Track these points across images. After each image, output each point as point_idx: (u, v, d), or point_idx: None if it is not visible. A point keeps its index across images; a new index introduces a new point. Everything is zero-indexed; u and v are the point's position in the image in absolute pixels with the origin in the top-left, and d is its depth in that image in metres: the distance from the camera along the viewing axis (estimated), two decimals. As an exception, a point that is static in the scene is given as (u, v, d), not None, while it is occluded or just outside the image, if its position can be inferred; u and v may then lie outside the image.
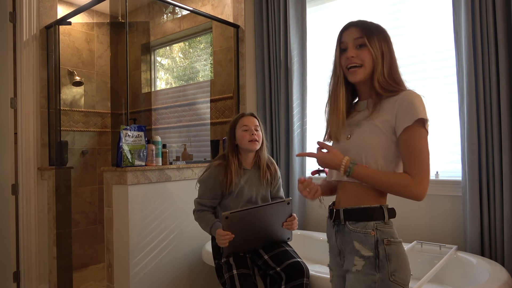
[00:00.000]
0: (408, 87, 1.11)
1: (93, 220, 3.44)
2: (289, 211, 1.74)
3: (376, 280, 1.02)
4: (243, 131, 1.83)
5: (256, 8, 2.80)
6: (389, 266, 1.02)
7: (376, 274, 1.02)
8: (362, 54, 1.09)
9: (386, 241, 1.04)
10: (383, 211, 1.07)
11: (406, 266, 1.05)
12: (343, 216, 1.10)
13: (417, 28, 2.20)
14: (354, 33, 1.11)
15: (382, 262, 1.02)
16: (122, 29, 3.48)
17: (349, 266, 1.08)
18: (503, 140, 1.77)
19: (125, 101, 2.37)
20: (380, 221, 1.06)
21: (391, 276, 1.01)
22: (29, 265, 2.57)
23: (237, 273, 1.66)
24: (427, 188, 1.01)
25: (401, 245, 1.06)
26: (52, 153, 2.72)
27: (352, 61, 1.10)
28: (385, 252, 1.03)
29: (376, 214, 1.06)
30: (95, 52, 3.58)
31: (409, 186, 1.00)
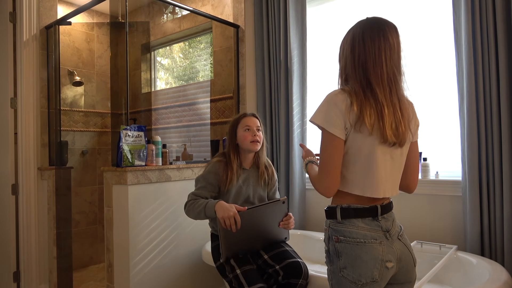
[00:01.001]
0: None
1: (93, 220, 3.44)
2: (285, 211, 1.74)
3: (330, 271, 1.12)
4: (244, 131, 1.83)
5: (256, 8, 2.80)
6: (338, 262, 1.08)
7: (329, 266, 1.12)
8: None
9: (336, 238, 1.09)
10: (335, 211, 1.11)
11: (359, 266, 1.04)
12: (325, 213, 1.18)
13: (417, 28, 2.20)
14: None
15: (332, 257, 1.10)
16: (122, 29, 3.47)
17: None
18: (503, 140, 1.77)
19: (125, 101, 2.37)
20: (333, 220, 1.12)
21: (340, 271, 1.07)
22: (29, 265, 2.57)
23: (241, 272, 1.66)
24: (326, 185, 1.08)
25: (359, 245, 1.05)
26: (52, 153, 2.72)
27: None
28: (335, 248, 1.09)
29: (331, 213, 1.13)
30: (95, 52, 3.58)
31: (315, 183, 1.13)
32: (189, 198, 1.82)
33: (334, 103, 1.05)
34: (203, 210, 1.69)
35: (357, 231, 1.06)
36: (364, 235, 1.06)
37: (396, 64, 1.09)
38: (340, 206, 1.10)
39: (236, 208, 1.61)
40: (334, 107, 1.04)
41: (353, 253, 1.05)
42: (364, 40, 1.08)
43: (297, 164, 2.55)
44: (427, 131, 2.10)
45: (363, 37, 1.08)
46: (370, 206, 1.08)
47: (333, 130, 1.04)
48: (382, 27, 1.09)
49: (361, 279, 1.04)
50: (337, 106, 1.04)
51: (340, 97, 1.05)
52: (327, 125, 1.05)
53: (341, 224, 1.09)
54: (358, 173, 1.09)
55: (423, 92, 2.16)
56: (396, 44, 1.10)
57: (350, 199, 1.11)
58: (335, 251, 1.09)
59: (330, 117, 1.04)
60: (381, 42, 1.07)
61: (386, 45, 1.07)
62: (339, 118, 1.04)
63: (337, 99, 1.05)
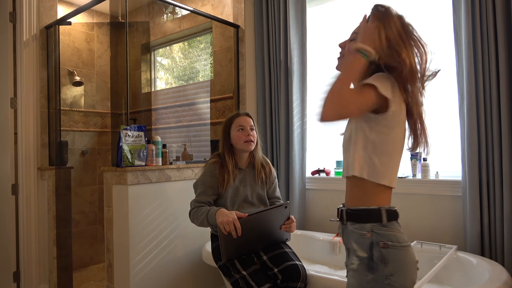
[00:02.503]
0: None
1: (93, 220, 3.44)
2: (287, 214, 1.73)
3: (369, 280, 1.01)
4: (238, 131, 1.82)
5: (256, 8, 2.80)
6: (384, 269, 1.00)
7: (368, 275, 1.01)
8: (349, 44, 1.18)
9: (382, 244, 1.01)
10: (380, 214, 1.04)
11: (407, 272, 1.01)
12: (345, 216, 1.09)
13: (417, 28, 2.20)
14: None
15: (376, 264, 1.00)
16: (122, 29, 3.47)
17: (349, 263, 1.09)
18: (503, 140, 1.77)
19: (125, 101, 2.37)
20: (377, 224, 1.03)
21: (386, 279, 0.99)
22: (29, 265, 2.57)
23: (248, 273, 1.65)
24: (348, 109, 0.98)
25: (404, 250, 1.02)
26: (52, 153, 2.72)
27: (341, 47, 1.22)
28: (381, 255, 1.00)
29: (373, 216, 1.04)
30: (95, 52, 3.58)
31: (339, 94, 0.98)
32: (192, 206, 1.82)
33: (391, 80, 1.03)
34: (206, 218, 1.70)
35: (400, 234, 1.03)
36: (405, 239, 1.04)
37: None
38: (384, 208, 1.04)
39: (237, 215, 1.60)
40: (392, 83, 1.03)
41: (399, 259, 1.01)
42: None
43: (297, 164, 2.55)
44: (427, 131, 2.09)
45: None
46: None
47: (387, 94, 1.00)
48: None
49: (407, 285, 1.01)
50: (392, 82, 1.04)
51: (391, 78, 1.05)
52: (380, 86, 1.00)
53: (387, 228, 1.03)
54: (390, 162, 1.06)
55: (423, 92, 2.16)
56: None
57: (385, 199, 1.07)
58: (381, 258, 1.00)
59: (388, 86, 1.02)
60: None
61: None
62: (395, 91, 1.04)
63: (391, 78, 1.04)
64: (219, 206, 1.79)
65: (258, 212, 1.66)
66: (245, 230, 1.59)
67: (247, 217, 1.61)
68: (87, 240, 3.38)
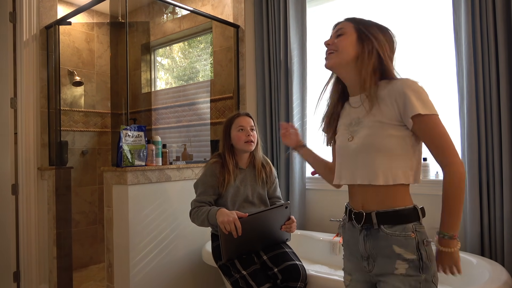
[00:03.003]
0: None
1: (93, 220, 3.44)
2: (287, 214, 1.73)
3: (421, 281, 0.99)
4: (238, 132, 1.82)
5: (256, 8, 2.80)
6: (432, 267, 1.01)
7: (421, 275, 0.99)
8: (338, 41, 1.10)
9: (426, 242, 1.01)
10: (417, 212, 1.04)
11: (436, 267, 1.04)
12: (377, 219, 1.03)
13: (417, 28, 2.20)
14: (341, 25, 1.13)
15: (426, 263, 1.00)
16: (122, 29, 3.47)
17: (387, 269, 1.03)
18: (503, 140, 1.77)
19: (125, 101, 2.37)
20: (416, 222, 1.03)
21: (433, 277, 1.01)
22: (29, 265, 2.57)
23: (248, 273, 1.65)
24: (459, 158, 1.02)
25: (433, 245, 1.05)
26: (52, 153, 2.72)
27: (328, 48, 1.13)
28: (427, 253, 1.00)
29: (412, 216, 1.03)
30: (95, 52, 3.58)
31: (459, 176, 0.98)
32: (193, 205, 1.82)
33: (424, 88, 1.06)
34: (206, 218, 1.70)
35: (426, 230, 1.05)
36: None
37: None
38: (417, 206, 1.06)
39: (238, 215, 1.61)
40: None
41: (433, 255, 1.03)
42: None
43: (297, 164, 2.55)
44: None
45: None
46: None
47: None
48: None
49: (437, 282, 1.03)
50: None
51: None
52: (436, 110, 1.04)
53: (422, 226, 1.04)
54: (419, 162, 1.09)
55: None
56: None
57: (410, 196, 1.08)
58: (429, 257, 1.01)
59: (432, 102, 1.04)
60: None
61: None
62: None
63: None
64: (219, 206, 1.79)
65: (259, 212, 1.66)
66: (245, 230, 1.59)
67: (248, 217, 1.61)
68: (87, 240, 3.38)
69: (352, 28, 1.09)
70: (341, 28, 1.11)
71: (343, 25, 1.11)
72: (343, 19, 1.14)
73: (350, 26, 1.10)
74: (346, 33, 1.09)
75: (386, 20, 2.33)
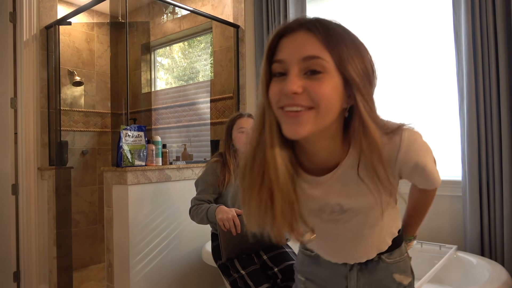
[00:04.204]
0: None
1: (93, 220, 3.44)
2: None
3: None
4: (239, 133, 1.83)
5: (256, 8, 2.80)
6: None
7: None
8: (316, 88, 0.62)
9: (409, 256, 0.92)
10: (401, 229, 0.92)
11: None
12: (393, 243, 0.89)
13: (417, 28, 2.20)
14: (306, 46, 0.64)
15: (413, 280, 0.91)
16: (122, 29, 3.47)
17: None
18: (503, 140, 1.77)
19: (125, 101, 2.38)
20: (402, 247, 0.90)
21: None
22: (29, 265, 2.57)
23: (246, 273, 1.65)
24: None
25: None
26: (52, 153, 2.72)
27: (294, 100, 0.63)
28: (412, 269, 0.91)
29: (401, 236, 0.91)
30: (95, 52, 3.58)
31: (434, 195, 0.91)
32: (192, 203, 1.83)
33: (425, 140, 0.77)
34: (205, 215, 1.71)
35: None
36: None
37: None
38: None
39: (237, 212, 1.61)
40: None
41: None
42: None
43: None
44: (427, 131, 2.10)
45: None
46: None
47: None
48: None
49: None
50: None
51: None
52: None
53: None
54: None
55: (423, 92, 2.16)
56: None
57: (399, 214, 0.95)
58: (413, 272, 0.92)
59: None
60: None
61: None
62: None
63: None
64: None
65: None
66: (244, 228, 1.59)
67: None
68: (87, 240, 3.38)
69: (329, 57, 0.63)
70: (315, 58, 0.63)
71: (313, 48, 0.63)
72: (297, 24, 0.66)
73: (326, 54, 0.63)
74: (326, 71, 0.63)
75: (386, 20, 2.34)
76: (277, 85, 0.66)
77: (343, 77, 0.64)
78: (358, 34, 0.69)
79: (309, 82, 0.63)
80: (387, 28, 2.30)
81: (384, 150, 0.67)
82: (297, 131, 0.64)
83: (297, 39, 0.65)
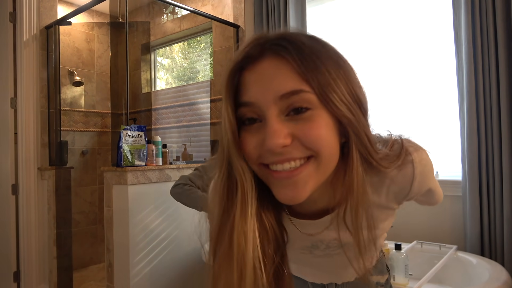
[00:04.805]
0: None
1: (93, 220, 3.44)
2: None
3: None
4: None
5: (256, 8, 2.80)
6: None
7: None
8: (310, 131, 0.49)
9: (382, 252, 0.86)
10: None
11: None
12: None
13: (417, 28, 2.20)
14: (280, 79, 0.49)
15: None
16: (122, 29, 3.47)
17: None
18: (503, 140, 1.77)
19: (125, 101, 2.38)
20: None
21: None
22: (29, 265, 2.57)
23: None
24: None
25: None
26: (52, 153, 2.72)
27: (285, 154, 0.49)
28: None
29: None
30: (95, 52, 3.58)
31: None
32: (183, 180, 1.77)
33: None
34: (199, 203, 1.67)
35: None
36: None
37: None
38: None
39: None
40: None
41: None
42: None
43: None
44: (427, 131, 2.10)
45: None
46: None
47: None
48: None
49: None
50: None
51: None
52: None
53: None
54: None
55: (423, 92, 2.16)
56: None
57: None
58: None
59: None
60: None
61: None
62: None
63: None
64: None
65: None
66: None
67: None
68: (87, 240, 3.38)
69: (309, 88, 0.49)
70: (297, 92, 0.49)
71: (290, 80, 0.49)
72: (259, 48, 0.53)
73: (305, 84, 0.49)
74: (313, 106, 0.49)
75: (385, 20, 2.34)
76: (253, 137, 0.50)
77: (329, 110, 0.49)
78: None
79: (296, 125, 0.48)
80: (387, 29, 2.30)
81: (395, 184, 0.58)
82: (296, 195, 0.49)
83: (265, 70, 0.50)
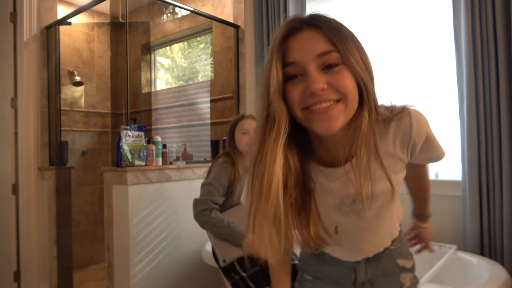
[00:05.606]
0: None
1: (93, 220, 3.44)
2: None
3: (418, 281, 0.92)
4: (241, 134, 1.83)
5: (256, 8, 2.80)
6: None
7: (417, 277, 0.92)
8: (339, 80, 0.64)
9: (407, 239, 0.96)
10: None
11: None
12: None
13: (417, 28, 2.20)
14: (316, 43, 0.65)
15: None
16: (122, 29, 3.47)
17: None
18: (503, 140, 1.77)
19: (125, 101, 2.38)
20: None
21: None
22: (30, 265, 2.58)
23: (247, 275, 1.65)
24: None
25: None
26: (52, 153, 2.72)
27: (323, 96, 0.63)
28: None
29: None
30: (95, 52, 3.58)
31: (428, 176, 1.00)
32: (205, 205, 1.72)
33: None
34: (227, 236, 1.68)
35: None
36: None
37: None
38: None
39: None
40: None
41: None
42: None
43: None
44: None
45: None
46: None
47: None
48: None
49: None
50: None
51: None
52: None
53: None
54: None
55: (423, 92, 2.16)
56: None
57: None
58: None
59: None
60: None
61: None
62: None
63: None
64: (229, 206, 1.79)
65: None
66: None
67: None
68: (87, 240, 3.38)
69: (338, 55, 0.65)
70: (329, 52, 0.65)
71: (324, 44, 0.65)
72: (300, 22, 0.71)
73: (334, 48, 0.65)
74: (341, 63, 0.65)
75: (386, 20, 2.34)
76: (297, 87, 0.65)
77: (349, 68, 0.65)
78: (358, 34, 0.72)
79: (330, 76, 0.64)
80: (387, 28, 2.30)
81: (399, 133, 0.72)
82: (330, 125, 0.64)
83: (305, 37, 0.67)
